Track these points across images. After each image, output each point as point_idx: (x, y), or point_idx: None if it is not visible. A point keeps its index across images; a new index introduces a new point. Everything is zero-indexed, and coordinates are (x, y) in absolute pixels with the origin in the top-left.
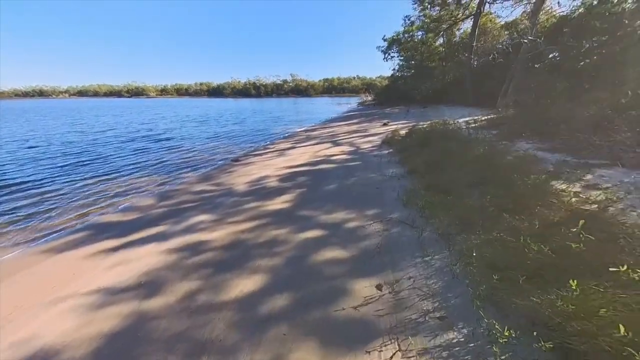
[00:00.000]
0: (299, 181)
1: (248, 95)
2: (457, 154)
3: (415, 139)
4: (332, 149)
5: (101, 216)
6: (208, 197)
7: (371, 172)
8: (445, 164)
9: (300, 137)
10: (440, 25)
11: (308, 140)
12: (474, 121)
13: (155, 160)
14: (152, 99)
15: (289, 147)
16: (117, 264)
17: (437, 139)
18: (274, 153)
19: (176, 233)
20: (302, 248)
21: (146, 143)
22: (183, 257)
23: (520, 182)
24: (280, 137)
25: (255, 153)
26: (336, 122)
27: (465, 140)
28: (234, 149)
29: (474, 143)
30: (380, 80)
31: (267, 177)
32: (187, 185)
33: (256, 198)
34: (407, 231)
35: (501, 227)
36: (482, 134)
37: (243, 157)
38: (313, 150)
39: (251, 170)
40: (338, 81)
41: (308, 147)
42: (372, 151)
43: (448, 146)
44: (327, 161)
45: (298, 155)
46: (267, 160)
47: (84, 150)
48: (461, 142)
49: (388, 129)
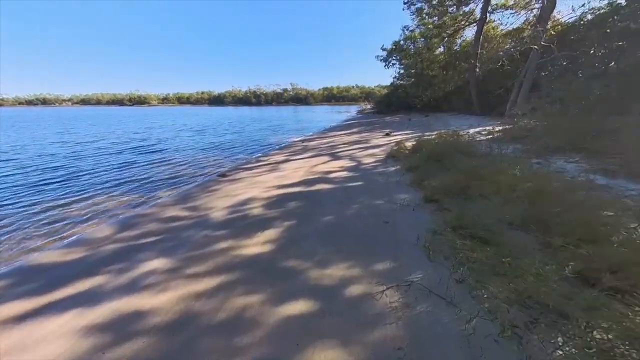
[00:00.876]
0: (289, 208)
1: (248, 104)
2: (484, 175)
3: (426, 153)
4: (330, 164)
5: (38, 255)
6: (175, 229)
7: (377, 197)
8: (471, 189)
9: (297, 148)
10: (444, 31)
11: (304, 152)
12: (488, 132)
13: (137, 176)
14: (153, 107)
15: (283, 159)
16: (5, 351)
17: (453, 154)
18: (266, 167)
19: (113, 292)
20: (278, 340)
21: (134, 155)
22: (102, 346)
23: (612, 233)
24: (275, 147)
25: (247, 166)
26: (335, 131)
27: (487, 156)
28: (225, 161)
29: (500, 160)
30: (379, 89)
31: (252, 199)
32: (158, 209)
33: (232, 233)
34: (443, 312)
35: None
36: (504, 147)
37: (232, 172)
38: (309, 165)
39: (236, 190)
40: (337, 90)
41: (304, 161)
42: (376, 167)
43: (470, 164)
44: (323, 179)
45: (292, 171)
46: (257, 176)
47: (62, 165)
48: (483, 159)
49: (391, 139)
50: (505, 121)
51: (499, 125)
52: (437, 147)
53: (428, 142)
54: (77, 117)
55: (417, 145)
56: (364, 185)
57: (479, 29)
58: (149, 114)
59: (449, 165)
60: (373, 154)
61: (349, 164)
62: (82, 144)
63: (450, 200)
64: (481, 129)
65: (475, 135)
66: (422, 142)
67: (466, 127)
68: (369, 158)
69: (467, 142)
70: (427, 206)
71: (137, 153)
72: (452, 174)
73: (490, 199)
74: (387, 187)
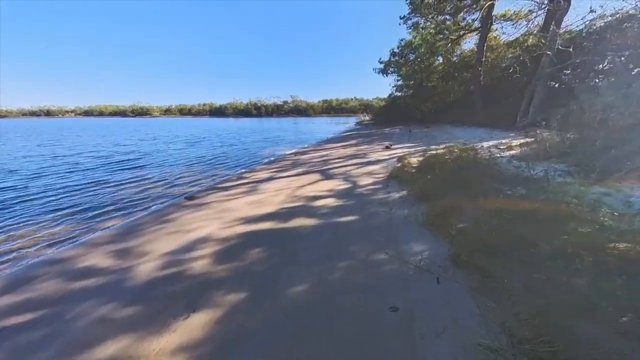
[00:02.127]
0: (246, 261)
1: (249, 115)
2: (536, 214)
3: (440, 175)
4: (319, 185)
5: None
6: (72, 297)
7: (379, 247)
8: (526, 242)
9: (286, 163)
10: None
11: (293, 168)
12: (507, 146)
13: (91, 200)
14: (155, 118)
15: (267, 177)
16: None
17: (476, 177)
18: (245, 187)
19: None
20: None
21: (106, 173)
22: None
23: None
24: (264, 162)
25: (224, 185)
26: (332, 143)
27: (526, 182)
28: (204, 178)
29: (553, 191)
30: (378, 101)
31: (204, 241)
32: (80, 251)
33: (143, 316)
34: None
35: None
36: (539, 168)
37: (203, 193)
38: (294, 186)
39: (194, 221)
40: (337, 102)
41: (289, 180)
42: (376, 191)
43: (508, 195)
44: (307, 210)
45: (271, 194)
46: (228, 199)
47: (10, 186)
48: (521, 186)
49: (392, 153)
50: (520, 133)
51: (514, 138)
52: (452, 166)
53: (438, 158)
54: (71, 128)
55: (425, 162)
56: (360, 222)
57: (482, 35)
58: (147, 124)
59: (475, 194)
60: (372, 173)
61: (342, 185)
62: (57, 157)
63: (497, 263)
64: (496, 143)
65: (493, 151)
66: (432, 159)
67: (476, 140)
68: (366, 178)
69: (487, 160)
70: (460, 274)
71: (113, 170)
72: (487, 214)
73: (567, 264)
74: (391, 227)
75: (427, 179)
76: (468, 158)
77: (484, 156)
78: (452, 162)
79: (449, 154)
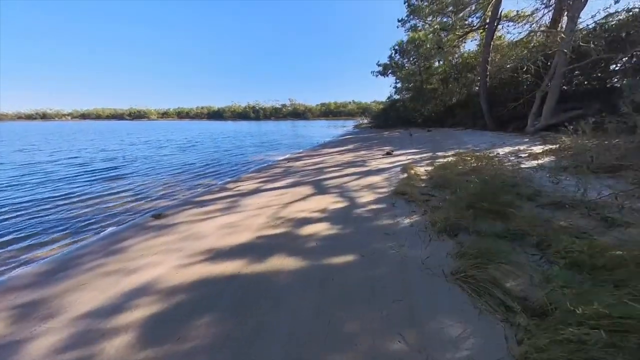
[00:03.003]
0: (189, 343)
1: (247, 119)
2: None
3: (464, 195)
4: (310, 202)
5: None
6: None
7: (389, 321)
8: None
9: (277, 171)
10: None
11: (284, 178)
12: (528, 154)
13: (49, 217)
14: (152, 121)
15: (252, 189)
16: None
17: (512, 200)
18: (224, 202)
19: None
20: None
21: (79, 184)
22: None
23: None
24: (254, 168)
25: (201, 199)
26: (328, 147)
27: (578, 205)
28: (183, 189)
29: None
30: (376, 105)
31: (145, 292)
32: None
33: None
34: None
35: None
36: (583, 184)
37: (173, 210)
38: (280, 203)
39: (146, 254)
40: (335, 105)
41: (277, 194)
42: (379, 214)
43: (574, 232)
44: (290, 243)
45: (252, 214)
46: (200, 219)
47: None
48: (575, 211)
49: (394, 161)
50: (534, 138)
51: (531, 143)
52: (473, 182)
53: (451, 168)
54: (61, 132)
55: (436, 174)
56: (360, 268)
57: (489, 33)
58: (143, 128)
59: (519, 226)
60: (372, 186)
61: (337, 203)
62: (31, 165)
63: None
64: (512, 150)
65: (512, 159)
66: (443, 170)
67: (487, 146)
68: (366, 193)
69: (513, 172)
70: None
71: (87, 180)
72: (567, 275)
73: None
74: (406, 282)
75: (445, 200)
76: (488, 169)
77: (507, 167)
78: (471, 175)
79: (461, 163)
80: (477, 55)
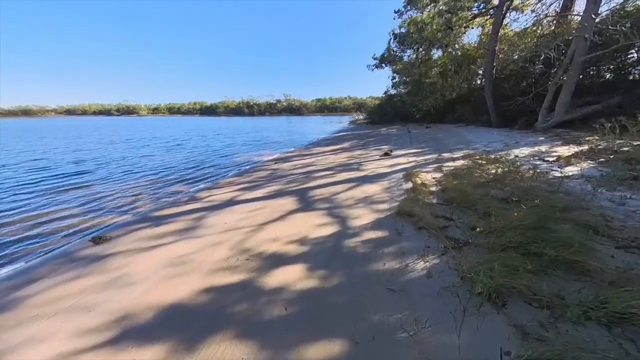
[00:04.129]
0: None
1: (242, 114)
2: None
3: (503, 225)
4: (289, 224)
5: None
6: None
7: None
8: None
9: (260, 176)
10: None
11: (266, 185)
12: (557, 158)
13: None
14: (142, 117)
15: (225, 200)
16: None
17: (591, 245)
18: (184, 220)
19: None
20: None
21: (29, 194)
22: None
23: None
24: (235, 171)
25: (162, 213)
26: (321, 146)
27: None
28: (149, 198)
29: None
30: (371, 100)
31: None
32: None
33: None
34: None
35: None
36: None
37: (121, 230)
38: (252, 224)
39: (45, 313)
40: (330, 101)
41: (252, 209)
42: (379, 248)
43: None
44: (246, 308)
45: (212, 242)
46: (148, 247)
47: None
48: None
49: (394, 163)
50: (551, 137)
51: (550, 143)
52: (519, 213)
53: (468, 178)
54: (37, 129)
55: (451, 187)
56: None
57: (497, 19)
58: (130, 125)
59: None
60: (370, 199)
61: (324, 228)
62: None
63: None
64: (532, 151)
65: (535, 162)
66: (460, 183)
67: (499, 146)
68: (362, 211)
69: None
70: None
71: (38, 188)
72: None
73: None
74: None
75: (471, 228)
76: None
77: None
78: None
79: (477, 169)
80: (479, 47)
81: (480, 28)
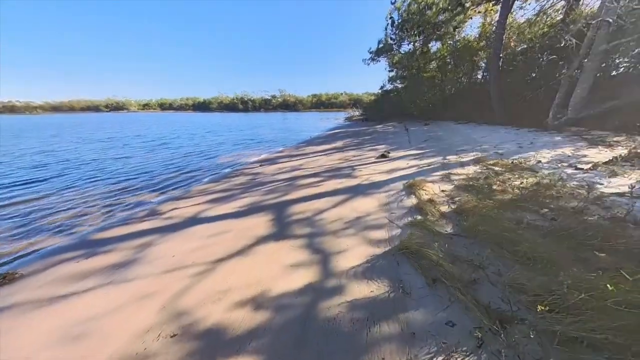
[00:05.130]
0: None
1: (236, 110)
2: None
3: (589, 311)
4: (252, 264)
5: None
6: None
7: None
8: None
9: (239, 182)
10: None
11: (241, 195)
12: (592, 165)
13: None
14: (132, 113)
15: (189, 216)
16: None
17: None
18: (128, 247)
19: None
20: None
21: None
22: None
23: None
24: (212, 176)
25: (104, 235)
26: (314, 144)
27: None
28: (101, 213)
29: None
30: (367, 96)
31: None
32: None
33: None
34: None
35: None
36: None
37: (41, 262)
38: (205, 260)
39: None
40: (326, 97)
41: (213, 232)
42: (375, 323)
43: None
44: None
45: (139, 294)
46: (56, 297)
47: None
48: None
49: (392, 168)
50: (570, 137)
51: (569, 143)
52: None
53: (490, 194)
54: (13, 127)
55: (469, 206)
56: None
57: (505, 4)
58: (117, 121)
59: None
60: (363, 222)
61: (298, 274)
62: None
63: None
64: (557, 155)
65: (567, 171)
66: (482, 201)
67: (512, 147)
68: (352, 242)
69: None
70: None
71: None
72: None
73: None
74: None
75: (534, 310)
76: (551, 195)
77: (580, 191)
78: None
79: (499, 182)
80: (480, 38)
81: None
